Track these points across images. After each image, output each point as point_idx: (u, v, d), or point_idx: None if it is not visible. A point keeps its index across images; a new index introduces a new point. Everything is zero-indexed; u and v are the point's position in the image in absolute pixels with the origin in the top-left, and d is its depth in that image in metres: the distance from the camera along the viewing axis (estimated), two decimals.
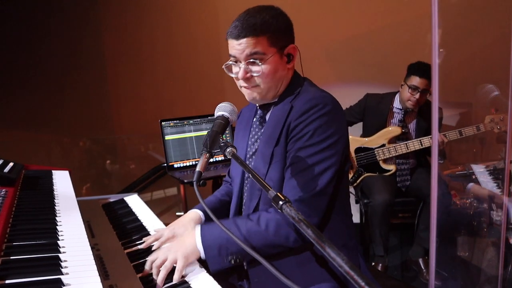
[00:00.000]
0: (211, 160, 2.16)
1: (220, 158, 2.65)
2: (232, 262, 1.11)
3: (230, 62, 1.19)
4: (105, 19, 3.93)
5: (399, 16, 3.12)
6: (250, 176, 0.98)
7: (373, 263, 2.55)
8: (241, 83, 1.21)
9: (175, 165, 2.53)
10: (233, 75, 1.22)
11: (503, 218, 1.83)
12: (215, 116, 1.18)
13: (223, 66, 1.22)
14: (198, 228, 1.16)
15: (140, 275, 1.10)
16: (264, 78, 1.17)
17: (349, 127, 2.91)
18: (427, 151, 2.66)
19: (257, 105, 1.33)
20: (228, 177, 1.56)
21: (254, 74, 1.16)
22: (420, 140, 2.53)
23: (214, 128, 1.12)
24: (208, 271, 1.11)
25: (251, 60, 1.15)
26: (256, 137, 1.31)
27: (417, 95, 2.50)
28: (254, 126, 1.32)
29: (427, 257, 2.53)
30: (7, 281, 0.85)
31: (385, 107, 2.67)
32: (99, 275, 0.92)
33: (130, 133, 4.13)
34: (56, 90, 3.65)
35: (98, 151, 4.16)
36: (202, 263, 1.15)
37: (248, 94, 1.22)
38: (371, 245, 2.57)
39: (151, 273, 1.11)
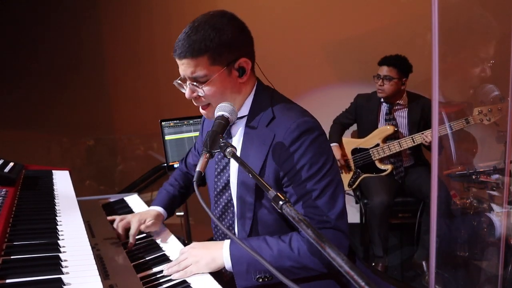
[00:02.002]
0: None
1: None
2: (260, 280, 1.10)
3: (179, 81, 1.15)
4: (105, 19, 3.93)
5: (399, 16, 3.12)
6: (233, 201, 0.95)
7: (373, 263, 2.55)
8: (193, 102, 1.17)
9: (175, 165, 2.52)
10: (183, 91, 1.16)
11: (503, 218, 1.83)
12: (215, 116, 1.18)
13: (174, 82, 1.16)
14: (227, 241, 1.15)
15: (140, 274, 1.10)
16: (210, 98, 1.13)
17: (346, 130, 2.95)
18: (421, 147, 2.68)
19: None
20: (183, 165, 1.61)
21: (199, 94, 1.12)
22: (412, 137, 2.55)
23: (214, 128, 1.11)
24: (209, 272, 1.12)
25: (193, 83, 1.11)
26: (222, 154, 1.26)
27: (379, 82, 2.60)
28: None
29: None
30: (8, 281, 0.85)
31: (375, 104, 2.73)
32: (99, 274, 0.92)
33: (130, 133, 4.12)
34: (56, 90, 3.65)
35: (98, 151, 4.16)
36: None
37: (203, 113, 1.19)
38: (370, 245, 2.57)
39: (151, 273, 1.12)
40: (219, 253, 1.12)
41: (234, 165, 1.23)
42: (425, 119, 2.62)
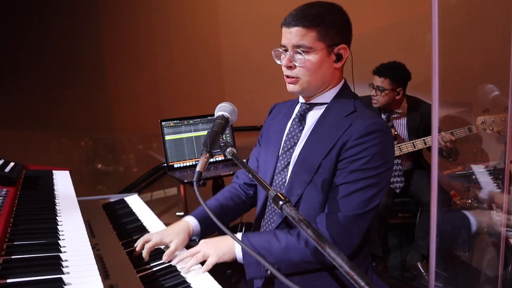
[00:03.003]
0: (211, 160, 2.16)
1: (220, 158, 2.65)
2: (269, 272, 1.12)
3: (280, 50, 1.21)
4: (105, 19, 3.93)
5: (399, 16, 3.12)
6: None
7: (373, 263, 2.56)
8: (284, 71, 1.22)
9: (175, 165, 2.53)
10: (279, 62, 1.23)
11: (503, 218, 1.84)
12: (215, 116, 1.18)
13: (272, 52, 1.22)
14: (239, 235, 1.18)
15: (140, 274, 1.10)
16: (306, 70, 1.17)
17: None
18: (421, 152, 2.64)
19: (299, 101, 1.32)
20: (237, 178, 1.53)
21: (297, 64, 1.17)
22: (413, 143, 2.49)
23: (214, 128, 1.12)
24: (210, 271, 1.12)
25: (297, 50, 1.16)
26: (293, 134, 1.28)
27: (373, 92, 2.55)
28: (293, 123, 1.30)
29: (425, 261, 2.53)
30: (8, 280, 0.85)
31: (374, 110, 2.64)
32: (100, 274, 0.92)
33: (130, 133, 4.13)
34: (56, 90, 3.65)
35: (98, 151, 4.16)
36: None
37: (288, 85, 1.23)
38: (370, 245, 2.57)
39: (151, 272, 1.12)
40: (231, 243, 1.15)
41: (300, 144, 1.25)
42: (425, 126, 2.56)
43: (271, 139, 1.35)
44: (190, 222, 1.30)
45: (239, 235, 1.17)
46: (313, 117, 1.26)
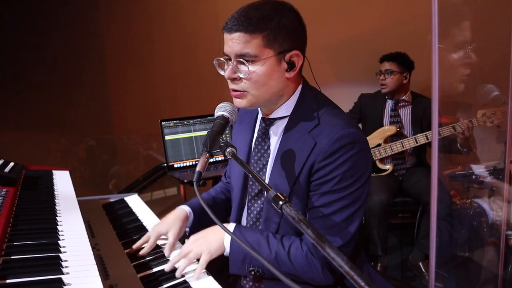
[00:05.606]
0: (211, 160, 2.16)
1: (220, 158, 2.65)
2: (252, 273, 1.11)
3: (222, 59, 1.06)
4: (106, 20, 3.93)
5: (399, 16, 3.12)
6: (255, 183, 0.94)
7: (372, 263, 2.55)
8: (229, 84, 1.08)
9: (175, 165, 2.53)
10: (222, 73, 1.08)
11: (503, 218, 1.84)
12: (215, 116, 1.17)
13: (214, 60, 1.08)
14: (232, 226, 1.16)
15: (140, 275, 1.10)
16: (252, 83, 1.03)
17: None
18: (425, 149, 2.67)
19: (259, 114, 1.22)
20: (224, 177, 1.53)
21: (241, 76, 1.03)
22: (415, 138, 2.54)
23: (214, 128, 1.11)
24: (209, 271, 1.12)
25: (241, 59, 1.02)
26: (259, 155, 1.20)
27: (381, 77, 2.66)
28: (257, 142, 1.22)
29: (427, 261, 2.53)
30: (8, 281, 0.85)
31: (380, 101, 2.75)
32: (100, 275, 0.92)
33: (130, 133, 4.13)
34: (57, 91, 3.65)
35: (98, 151, 4.16)
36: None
37: (235, 100, 1.09)
38: (369, 245, 2.57)
39: (151, 273, 1.12)
40: (220, 238, 1.13)
41: (268, 167, 1.18)
42: (428, 119, 2.60)
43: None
44: (185, 209, 1.31)
45: (231, 226, 1.15)
46: (276, 132, 1.17)
